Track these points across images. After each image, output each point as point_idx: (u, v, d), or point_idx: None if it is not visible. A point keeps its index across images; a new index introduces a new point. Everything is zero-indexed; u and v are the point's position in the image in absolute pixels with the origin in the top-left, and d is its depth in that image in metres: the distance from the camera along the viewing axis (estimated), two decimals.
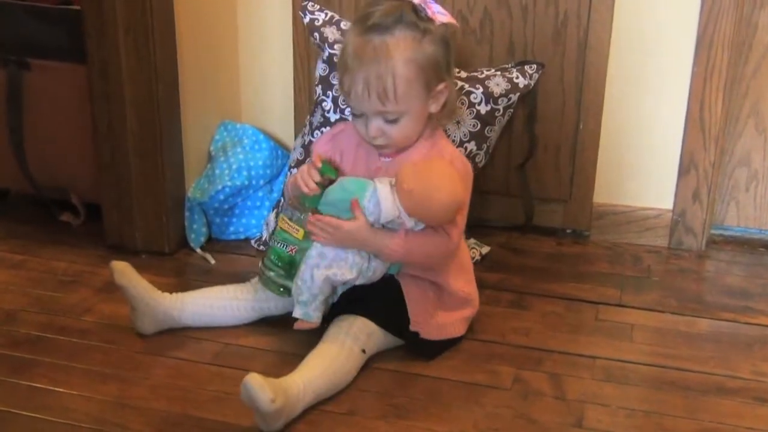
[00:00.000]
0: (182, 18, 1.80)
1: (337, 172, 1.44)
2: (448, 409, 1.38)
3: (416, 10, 1.39)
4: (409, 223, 1.38)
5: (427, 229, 1.40)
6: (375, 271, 1.42)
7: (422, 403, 1.39)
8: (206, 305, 1.55)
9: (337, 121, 1.77)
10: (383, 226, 1.40)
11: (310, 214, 1.43)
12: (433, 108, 1.44)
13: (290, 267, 1.47)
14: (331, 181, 1.43)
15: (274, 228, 1.51)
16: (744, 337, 1.60)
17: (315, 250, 1.41)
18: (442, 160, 1.42)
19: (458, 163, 1.44)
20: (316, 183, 1.42)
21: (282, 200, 1.81)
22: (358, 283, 1.43)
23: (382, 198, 1.37)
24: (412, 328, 1.46)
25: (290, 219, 1.46)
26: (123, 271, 1.53)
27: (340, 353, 1.38)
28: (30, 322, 1.60)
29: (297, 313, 1.43)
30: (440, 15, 1.41)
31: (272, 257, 1.48)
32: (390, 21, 1.36)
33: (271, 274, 1.49)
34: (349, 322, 1.43)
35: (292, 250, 1.47)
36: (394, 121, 1.40)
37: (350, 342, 1.40)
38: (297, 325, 1.45)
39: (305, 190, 1.41)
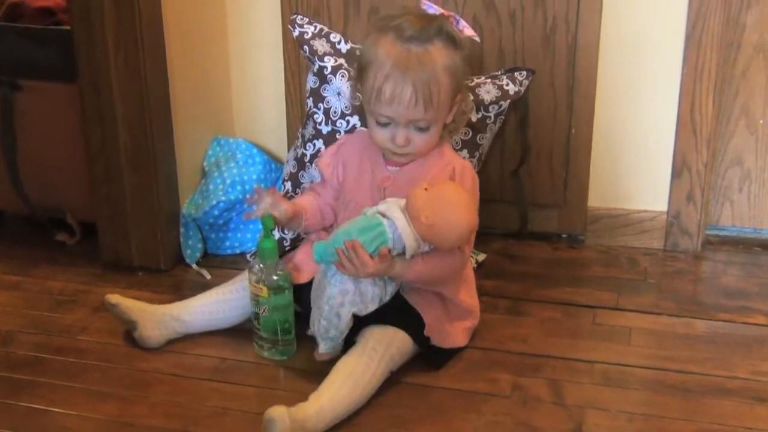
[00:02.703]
0: (172, 34, 1.80)
1: (275, 223, 1.47)
2: (449, 419, 1.38)
3: (450, 23, 1.43)
4: (425, 248, 1.40)
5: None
6: (391, 295, 1.43)
7: (422, 414, 1.39)
8: (205, 303, 1.57)
9: (328, 133, 1.76)
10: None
11: (279, 264, 1.47)
12: (449, 118, 1.46)
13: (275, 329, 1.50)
14: (271, 231, 1.47)
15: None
16: (742, 337, 1.59)
17: (335, 288, 1.40)
18: (451, 184, 1.42)
19: (467, 174, 1.47)
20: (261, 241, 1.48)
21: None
22: (374, 308, 1.43)
23: (404, 235, 1.37)
24: (427, 332, 1.46)
25: (256, 281, 1.48)
26: (115, 295, 1.55)
27: (365, 374, 1.37)
28: (27, 343, 1.60)
29: (324, 348, 1.44)
30: (467, 29, 1.46)
31: (255, 324, 1.52)
32: (431, 32, 1.40)
33: (263, 344, 1.52)
34: (367, 336, 1.42)
35: (264, 310, 1.48)
36: (424, 130, 1.42)
37: (375, 361, 1.39)
38: (320, 356, 1.45)
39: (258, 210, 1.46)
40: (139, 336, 1.54)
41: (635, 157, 1.92)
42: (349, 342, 1.44)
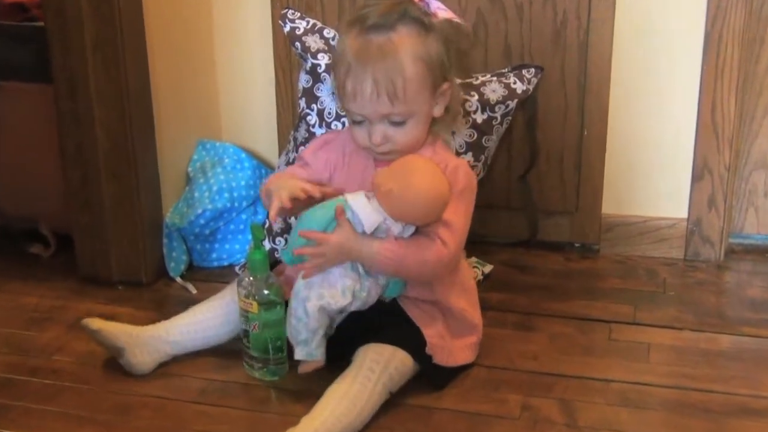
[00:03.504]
0: (154, 31, 1.81)
1: (265, 233, 1.47)
2: None
3: (417, 6, 1.42)
4: (396, 228, 1.39)
5: (420, 236, 1.41)
6: (369, 291, 1.42)
7: None
8: (193, 321, 1.57)
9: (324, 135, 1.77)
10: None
11: (270, 278, 1.47)
12: (437, 111, 1.46)
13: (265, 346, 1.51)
14: (261, 241, 1.48)
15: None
16: None
17: (301, 282, 1.42)
18: (417, 155, 1.43)
19: (460, 173, 1.45)
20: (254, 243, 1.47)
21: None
22: (354, 308, 1.43)
23: (357, 208, 1.38)
24: (429, 350, 1.46)
25: (245, 296, 1.49)
26: (94, 319, 1.54)
27: (361, 395, 1.37)
28: None
29: (299, 354, 1.43)
30: (441, 11, 1.45)
31: (245, 342, 1.52)
32: (392, 19, 1.39)
33: (254, 364, 1.53)
34: (363, 355, 1.42)
35: (254, 327, 1.49)
36: (400, 124, 1.41)
37: (373, 382, 1.38)
38: (302, 369, 1.45)
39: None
40: (126, 363, 1.53)
41: (652, 159, 1.93)
42: (342, 359, 1.45)
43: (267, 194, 1.46)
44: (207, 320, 1.57)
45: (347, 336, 1.46)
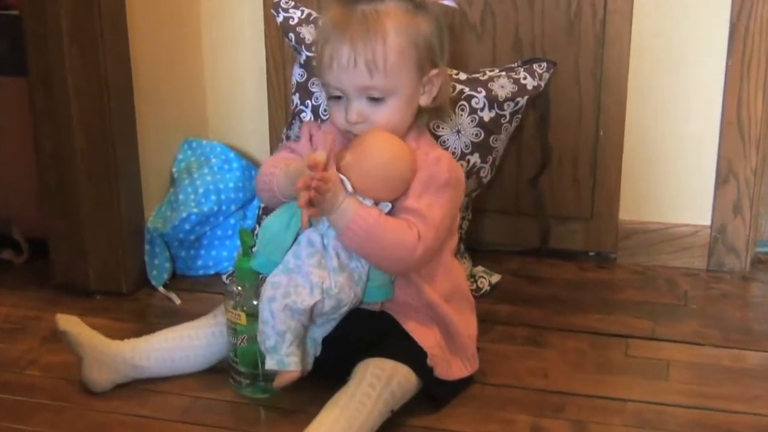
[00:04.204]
0: (136, 21, 1.81)
1: (255, 239, 1.47)
2: None
3: None
4: (368, 204, 1.40)
5: (400, 220, 1.41)
6: (342, 287, 1.41)
7: None
8: (165, 347, 1.55)
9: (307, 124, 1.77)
10: None
11: (260, 287, 1.46)
12: (424, 99, 1.47)
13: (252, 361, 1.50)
14: (250, 248, 1.47)
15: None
16: None
17: (267, 283, 1.42)
18: (380, 129, 1.43)
19: (443, 165, 1.44)
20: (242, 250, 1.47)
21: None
22: (329, 308, 1.42)
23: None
24: (430, 362, 1.46)
25: (233, 307, 1.49)
26: (69, 318, 1.54)
27: (359, 414, 1.36)
28: None
29: (269, 363, 1.42)
30: None
31: (232, 356, 1.52)
32: None
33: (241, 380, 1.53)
34: (363, 370, 1.42)
35: (242, 340, 1.49)
36: (379, 101, 1.42)
37: (372, 399, 1.37)
38: (277, 381, 1.44)
39: (301, 201, 1.37)
40: (83, 375, 1.53)
41: (673, 162, 1.93)
42: (338, 377, 1.45)
43: (268, 183, 1.46)
44: (180, 349, 1.55)
45: (343, 351, 1.46)
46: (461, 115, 1.74)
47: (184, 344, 1.56)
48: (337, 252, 1.41)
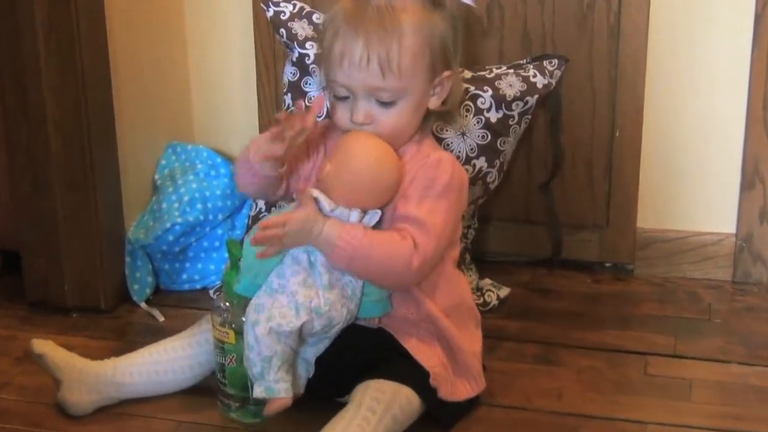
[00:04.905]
0: (115, 15, 1.81)
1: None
2: None
3: None
4: (354, 216, 1.39)
5: (390, 232, 1.41)
6: (333, 305, 1.41)
7: None
8: (150, 360, 1.55)
9: None
10: None
11: (234, 306, 1.47)
12: (434, 102, 1.47)
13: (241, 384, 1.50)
14: (239, 260, 1.47)
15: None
16: None
17: (250, 306, 1.42)
18: (361, 132, 1.42)
19: (445, 167, 1.43)
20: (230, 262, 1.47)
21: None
22: (319, 327, 1.42)
23: (315, 193, 1.40)
24: (433, 382, 1.46)
25: (221, 324, 1.48)
26: (44, 342, 1.54)
27: None
28: None
29: (258, 392, 1.42)
30: None
31: (220, 377, 1.52)
32: None
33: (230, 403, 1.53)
34: (362, 392, 1.41)
35: (231, 360, 1.49)
36: (389, 104, 1.42)
37: (373, 424, 1.36)
38: (267, 409, 1.43)
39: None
40: (62, 399, 1.53)
41: (695, 165, 1.93)
42: (334, 399, 1.44)
43: (244, 158, 1.44)
44: (165, 362, 1.56)
45: (339, 371, 1.46)
46: (466, 116, 1.74)
47: (169, 356, 1.56)
48: (327, 267, 1.41)
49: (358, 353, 1.46)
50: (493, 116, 1.76)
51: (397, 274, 1.41)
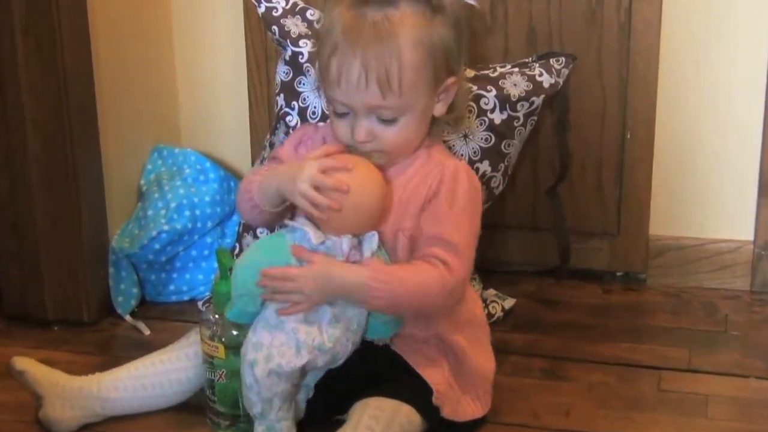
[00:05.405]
0: (98, 11, 1.81)
1: (234, 260, 1.47)
2: None
3: None
4: (345, 244, 1.38)
5: (417, 260, 1.41)
6: (338, 341, 1.41)
7: None
8: (137, 375, 1.55)
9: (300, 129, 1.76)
10: None
11: (225, 328, 1.46)
12: (439, 109, 1.46)
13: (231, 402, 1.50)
14: (229, 270, 1.46)
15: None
16: None
17: (248, 343, 1.41)
18: (349, 155, 1.42)
19: (461, 179, 1.44)
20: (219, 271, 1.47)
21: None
22: (323, 363, 1.42)
23: (309, 228, 1.38)
24: (436, 401, 1.46)
25: (210, 338, 1.48)
26: (25, 359, 1.54)
27: None
28: None
29: (258, 429, 1.43)
30: None
31: (209, 394, 1.52)
32: None
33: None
34: (360, 411, 1.41)
35: (220, 376, 1.48)
36: (390, 122, 1.41)
37: None
38: None
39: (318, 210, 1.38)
40: (44, 416, 1.52)
41: (711, 169, 1.93)
42: (332, 418, 1.44)
43: (264, 189, 1.44)
44: (152, 376, 1.55)
45: (338, 389, 1.46)
46: (469, 117, 1.74)
47: (156, 369, 1.56)
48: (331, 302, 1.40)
49: (358, 368, 1.46)
50: (497, 117, 1.76)
51: (434, 302, 1.42)
